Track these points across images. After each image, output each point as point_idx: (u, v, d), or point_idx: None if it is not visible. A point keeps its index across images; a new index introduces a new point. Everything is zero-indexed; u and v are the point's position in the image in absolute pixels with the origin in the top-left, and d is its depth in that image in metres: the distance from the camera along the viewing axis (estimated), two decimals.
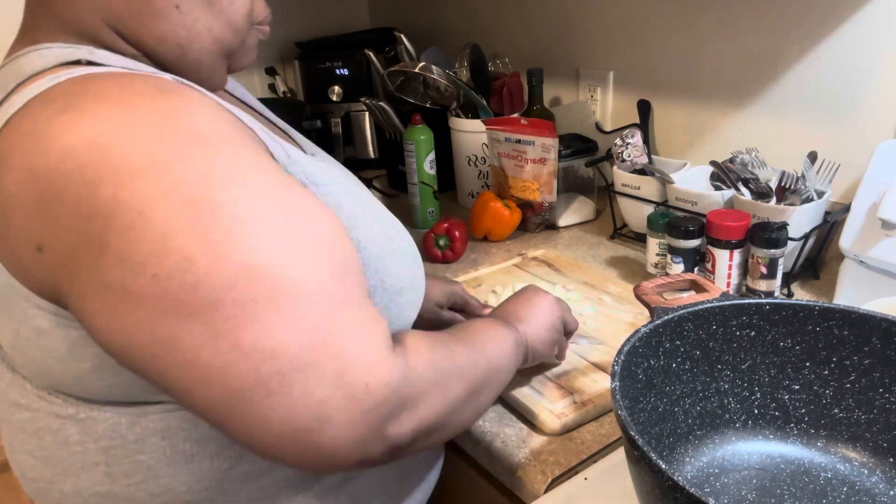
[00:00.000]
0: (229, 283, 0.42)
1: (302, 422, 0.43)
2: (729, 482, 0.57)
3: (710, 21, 1.12)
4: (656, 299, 0.62)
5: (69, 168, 0.42)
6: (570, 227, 1.25)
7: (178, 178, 0.42)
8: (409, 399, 0.47)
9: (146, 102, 0.45)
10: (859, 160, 0.94)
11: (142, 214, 0.41)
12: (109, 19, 0.52)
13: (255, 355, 0.42)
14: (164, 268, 0.41)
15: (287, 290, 0.43)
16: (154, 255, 0.41)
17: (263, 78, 1.76)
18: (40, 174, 0.42)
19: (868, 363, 0.57)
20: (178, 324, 0.42)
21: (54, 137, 0.42)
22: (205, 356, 0.42)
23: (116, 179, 0.41)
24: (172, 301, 0.41)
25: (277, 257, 0.43)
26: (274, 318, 0.42)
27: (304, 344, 0.43)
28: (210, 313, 0.42)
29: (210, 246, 0.42)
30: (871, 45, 0.93)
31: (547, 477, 0.65)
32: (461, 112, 1.31)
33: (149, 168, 0.42)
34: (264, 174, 0.47)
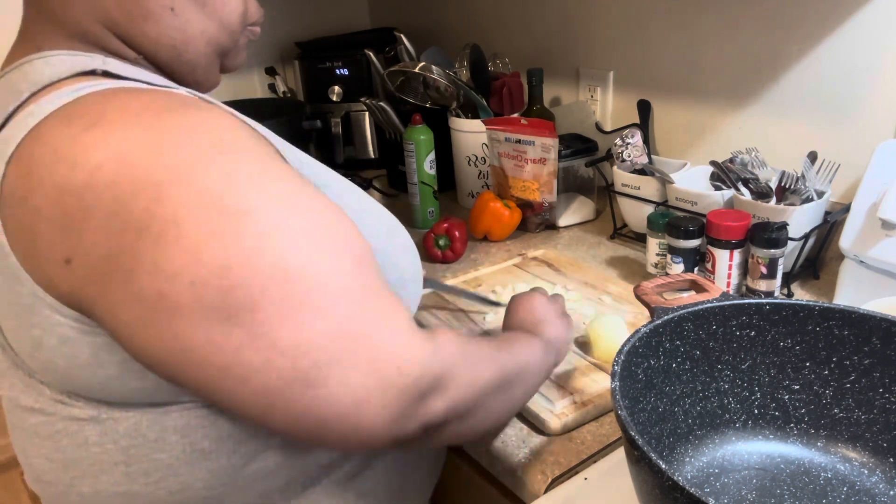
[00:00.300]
0: (264, 286, 0.43)
1: (341, 408, 0.45)
2: (729, 482, 0.57)
3: (710, 21, 1.12)
4: (656, 299, 0.62)
5: (99, 184, 0.43)
6: (570, 227, 1.25)
7: (208, 188, 0.43)
8: (440, 379, 0.49)
9: (171, 118, 0.46)
10: (859, 160, 0.94)
11: (176, 225, 0.42)
12: (106, 22, 0.53)
13: (293, 351, 0.44)
14: (201, 275, 0.42)
15: (316, 287, 0.45)
16: (190, 264, 0.42)
17: (263, 78, 1.76)
18: (68, 190, 0.43)
19: (868, 363, 0.57)
20: (216, 328, 0.43)
21: (81, 154, 0.43)
22: (245, 357, 0.44)
23: (148, 193, 0.42)
24: (210, 307, 0.43)
25: (305, 257, 0.45)
26: (307, 314, 0.44)
27: (336, 335, 0.45)
28: (248, 315, 0.43)
29: (243, 252, 0.43)
30: (871, 45, 0.93)
31: (547, 477, 0.65)
32: (461, 112, 1.31)
33: (178, 181, 0.43)
34: (285, 180, 0.48)
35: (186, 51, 0.56)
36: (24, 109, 0.48)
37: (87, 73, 0.50)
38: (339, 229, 0.49)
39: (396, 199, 1.46)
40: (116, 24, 0.53)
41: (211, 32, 0.57)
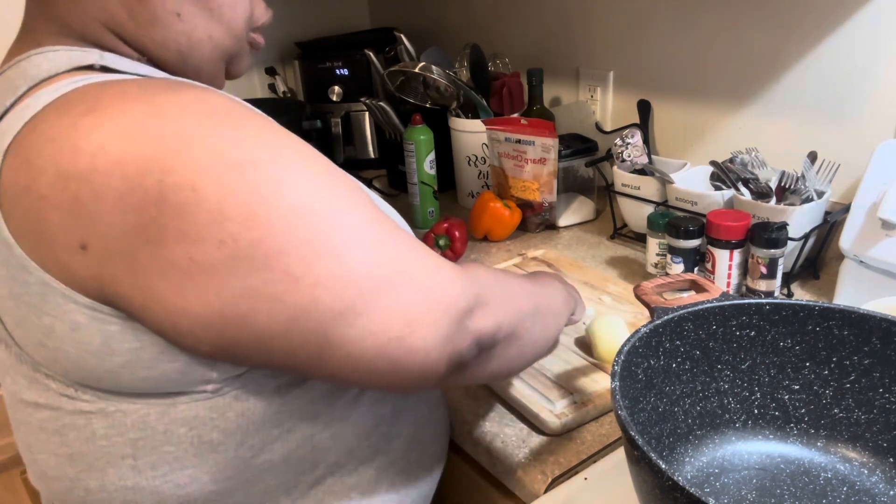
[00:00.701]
0: (290, 228, 0.44)
1: (393, 331, 0.46)
2: (729, 482, 0.57)
3: (709, 21, 1.12)
4: (656, 299, 0.62)
5: (105, 165, 0.42)
6: (570, 227, 1.25)
7: (216, 148, 0.44)
8: (481, 297, 0.51)
9: (168, 95, 0.46)
10: (859, 160, 0.94)
11: (193, 190, 0.42)
12: (111, 25, 0.53)
13: (336, 283, 0.45)
14: (229, 232, 0.43)
15: (343, 222, 0.46)
16: (215, 224, 0.43)
17: (263, 78, 1.76)
18: (74, 175, 0.43)
19: (868, 363, 0.57)
20: (255, 277, 0.44)
21: (83, 137, 0.43)
22: (290, 298, 0.44)
23: (158, 166, 0.42)
24: (244, 260, 0.43)
25: (326, 194, 0.47)
26: (340, 247, 0.45)
27: (374, 263, 0.46)
28: (283, 258, 0.44)
29: (262, 199, 0.44)
30: (871, 44, 0.93)
31: (547, 477, 0.65)
32: (461, 112, 1.31)
33: (186, 147, 0.43)
34: (290, 135, 0.49)
35: (192, 56, 0.56)
36: (20, 103, 0.48)
37: (84, 67, 0.50)
38: (345, 175, 0.51)
39: (396, 199, 1.46)
40: (122, 28, 0.53)
41: (217, 37, 0.57)
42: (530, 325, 0.57)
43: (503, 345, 0.54)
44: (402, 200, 1.38)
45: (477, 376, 0.54)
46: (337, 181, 0.49)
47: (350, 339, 0.46)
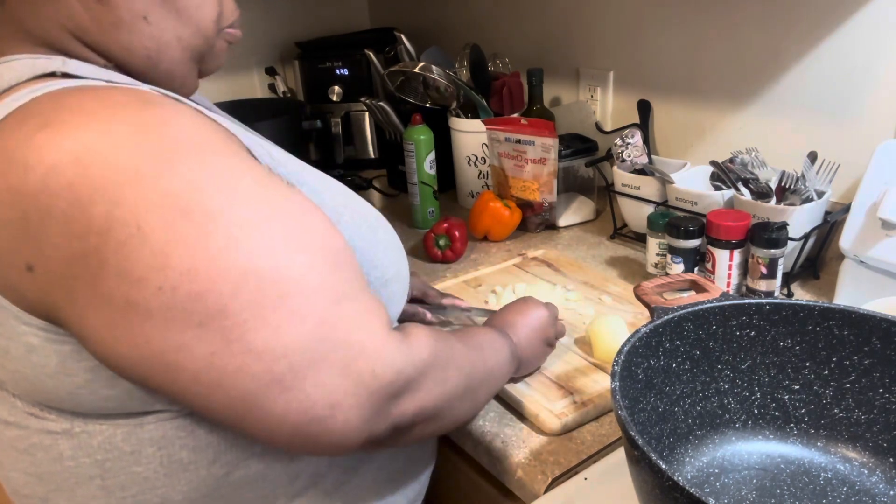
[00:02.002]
0: (234, 290, 0.42)
1: (317, 411, 0.45)
2: (729, 482, 0.57)
3: (709, 21, 1.12)
4: (656, 299, 0.62)
5: (55, 186, 0.41)
6: (570, 227, 1.25)
7: (170, 189, 0.42)
8: (412, 382, 0.50)
9: (127, 115, 0.44)
10: (859, 160, 0.94)
11: (139, 229, 0.41)
12: (75, 30, 0.51)
13: (268, 355, 0.43)
14: (169, 280, 0.41)
15: (290, 290, 0.44)
16: (156, 269, 0.41)
17: (263, 78, 1.76)
18: (23, 193, 0.41)
19: (868, 363, 0.57)
20: (188, 333, 0.42)
21: (35, 155, 0.41)
22: (218, 362, 0.43)
23: (107, 196, 0.41)
24: (180, 312, 0.42)
25: (277, 259, 0.44)
26: (281, 317, 0.43)
27: (311, 339, 0.44)
28: (219, 321, 0.42)
29: (210, 254, 0.42)
30: (871, 45, 0.93)
31: (547, 477, 0.65)
32: (461, 112, 1.31)
33: (138, 182, 0.41)
34: (252, 178, 0.47)
35: (161, 59, 0.54)
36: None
37: (46, 75, 0.48)
38: (312, 228, 0.48)
39: (396, 199, 1.46)
40: (86, 33, 0.51)
41: (186, 38, 0.55)
42: (457, 405, 0.56)
43: (421, 425, 0.53)
44: (402, 200, 1.38)
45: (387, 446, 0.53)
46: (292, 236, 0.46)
47: (272, 413, 0.44)
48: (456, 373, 0.56)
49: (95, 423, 0.50)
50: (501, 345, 0.68)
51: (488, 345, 0.65)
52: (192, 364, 0.43)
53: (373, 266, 0.58)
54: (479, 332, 0.68)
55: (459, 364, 0.57)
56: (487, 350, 0.64)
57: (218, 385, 0.43)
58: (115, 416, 0.50)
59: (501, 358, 0.67)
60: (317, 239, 0.48)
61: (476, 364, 0.60)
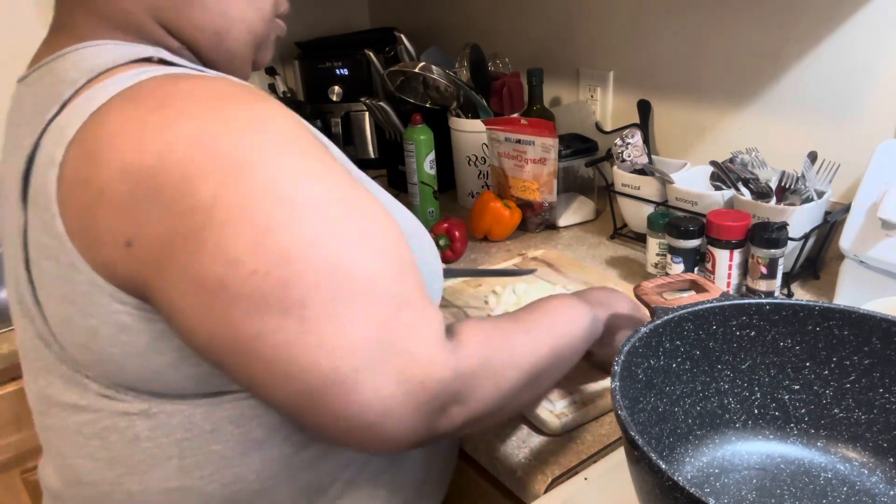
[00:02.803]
0: (318, 282, 0.44)
1: (370, 416, 0.45)
2: (729, 482, 0.57)
3: (710, 21, 1.12)
4: (656, 299, 0.62)
5: (167, 165, 0.43)
6: (570, 227, 1.25)
7: (276, 177, 0.44)
8: (460, 394, 0.49)
9: (239, 105, 0.46)
10: (859, 160, 0.94)
11: (242, 210, 0.42)
12: (151, 10, 0.53)
13: (337, 352, 0.44)
14: (263, 264, 0.42)
15: (363, 289, 0.45)
16: (254, 251, 0.42)
17: (263, 78, 1.76)
18: (135, 170, 0.43)
19: (868, 363, 0.57)
20: (271, 320, 0.43)
21: (150, 135, 0.43)
22: (293, 352, 0.44)
23: (217, 178, 0.43)
24: (268, 297, 0.43)
25: (357, 257, 0.46)
26: (353, 315, 0.44)
27: (374, 342, 0.45)
28: (301, 310, 0.43)
29: (305, 243, 0.43)
30: (871, 44, 0.93)
31: (547, 477, 0.65)
32: (461, 112, 1.31)
33: (248, 167, 0.43)
34: (344, 179, 0.49)
35: (227, 38, 0.56)
36: (80, 95, 0.47)
37: (142, 59, 0.50)
38: (386, 233, 0.49)
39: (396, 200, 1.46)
40: (161, 12, 0.53)
41: (250, 19, 0.57)
42: (513, 401, 0.55)
43: (472, 426, 0.53)
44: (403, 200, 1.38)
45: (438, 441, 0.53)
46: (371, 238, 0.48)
47: (329, 412, 0.45)
48: (515, 372, 0.54)
49: (173, 404, 0.51)
50: (578, 314, 0.62)
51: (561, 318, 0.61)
52: (268, 352, 0.44)
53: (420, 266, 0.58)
54: (553, 304, 0.62)
55: (520, 362, 0.55)
56: (558, 329, 0.60)
57: (286, 376, 0.44)
58: (194, 395, 0.51)
59: (576, 332, 0.61)
60: (390, 244, 0.49)
61: (541, 355, 0.57)
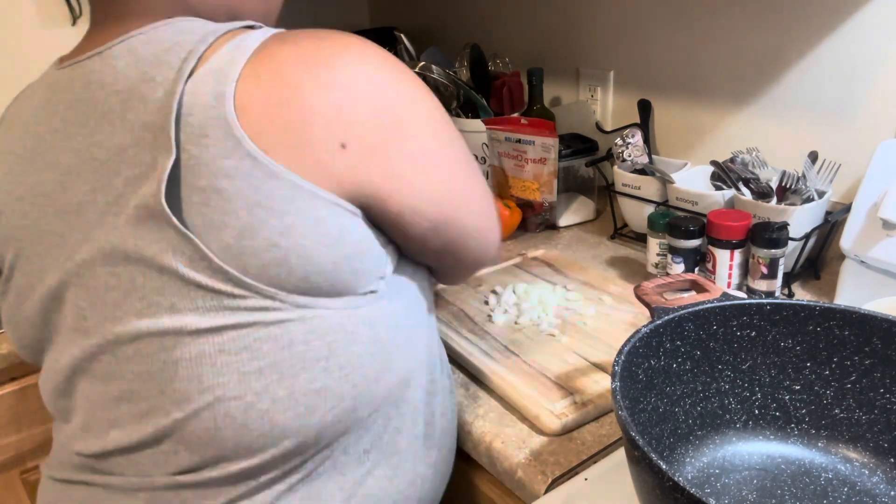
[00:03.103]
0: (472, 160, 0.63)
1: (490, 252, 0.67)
2: (729, 483, 0.57)
3: (710, 21, 1.12)
4: (657, 299, 0.61)
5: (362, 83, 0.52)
6: (570, 227, 1.25)
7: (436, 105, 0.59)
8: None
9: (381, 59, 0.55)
10: (860, 160, 0.94)
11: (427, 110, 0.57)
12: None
13: (488, 202, 0.65)
14: (449, 135, 0.59)
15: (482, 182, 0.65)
16: (441, 131, 0.58)
17: None
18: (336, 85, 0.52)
19: (869, 363, 0.57)
20: (459, 175, 0.60)
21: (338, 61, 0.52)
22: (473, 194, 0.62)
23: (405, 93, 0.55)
24: (461, 160, 0.60)
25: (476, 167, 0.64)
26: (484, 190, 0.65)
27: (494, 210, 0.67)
28: (474, 168, 0.62)
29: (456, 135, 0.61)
30: (871, 45, 0.93)
31: (547, 477, 0.65)
32: (461, 112, 1.31)
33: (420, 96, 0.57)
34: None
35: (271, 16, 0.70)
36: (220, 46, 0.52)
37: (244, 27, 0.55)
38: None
39: None
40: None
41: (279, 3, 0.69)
42: None
43: None
44: None
45: None
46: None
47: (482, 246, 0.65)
48: None
49: (325, 308, 0.55)
50: None
51: None
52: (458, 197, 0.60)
53: None
54: None
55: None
56: None
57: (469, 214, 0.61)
58: (343, 295, 0.56)
59: None
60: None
61: None
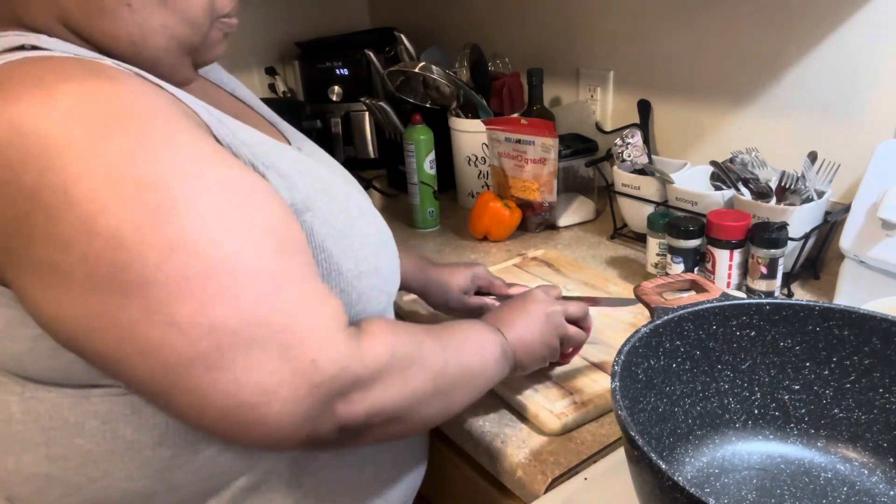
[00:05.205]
0: (160, 261, 0.42)
1: (246, 396, 0.43)
2: (729, 482, 0.57)
3: (710, 21, 1.12)
4: (656, 299, 0.62)
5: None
6: (570, 227, 1.25)
7: (102, 158, 0.42)
8: (362, 380, 0.48)
9: (72, 85, 0.44)
10: (859, 160, 0.94)
11: (66, 194, 0.41)
12: (60, 16, 0.51)
13: (193, 330, 0.42)
14: (93, 248, 0.42)
15: (223, 267, 0.43)
16: (81, 235, 0.42)
17: (263, 78, 1.76)
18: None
19: (868, 363, 0.57)
20: (111, 300, 0.42)
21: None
22: (140, 331, 0.43)
23: (40, 161, 0.41)
24: (103, 280, 0.42)
25: (210, 233, 0.44)
26: (209, 294, 0.43)
27: (243, 320, 0.43)
28: (142, 291, 0.42)
29: (138, 225, 0.42)
30: (871, 45, 0.93)
31: (547, 477, 0.65)
32: (461, 112, 1.31)
33: (72, 147, 0.42)
34: (196, 153, 0.46)
35: (146, 46, 0.54)
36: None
37: (15, 48, 0.48)
38: (259, 209, 0.48)
39: (396, 199, 1.46)
40: (72, 19, 0.52)
41: (172, 28, 0.54)
42: (424, 407, 0.54)
43: (380, 427, 0.51)
44: (402, 200, 1.38)
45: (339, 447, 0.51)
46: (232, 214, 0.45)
47: (196, 390, 0.43)
48: (422, 373, 0.53)
49: (45, 391, 0.51)
50: (488, 341, 0.64)
51: (472, 342, 0.62)
52: (115, 331, 0.43)
53: (345, 257, 0.56)
54: (464, 328, 0.63)
55: (428, 364, 0.54)
56: (469, 348, 0.61)
57: (140, 354, 0.43)
58: (63, 385, 0.50)
59: (487, 357, 0.63)
60: (261, 220, 0.47)
61: (450, 364, 0.57)
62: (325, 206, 0.57)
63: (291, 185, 0.54)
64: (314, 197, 0.56)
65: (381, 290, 0.61)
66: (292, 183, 0.54)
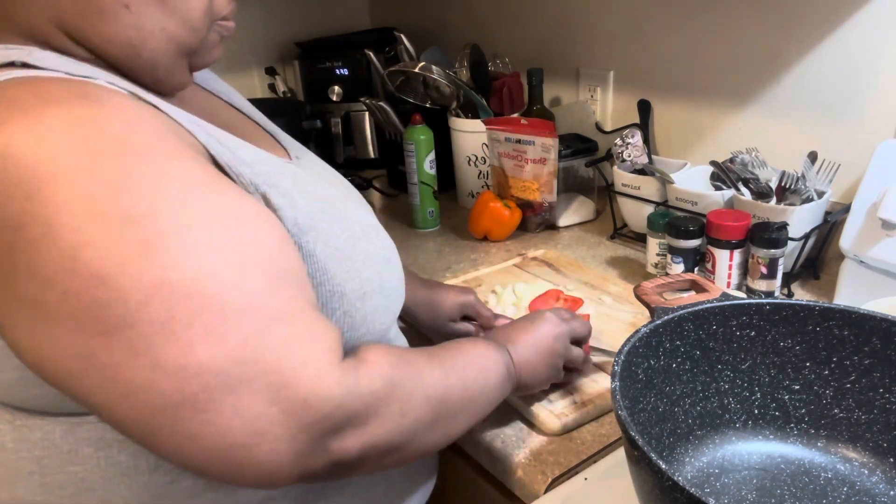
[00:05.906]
0: (143, 301, 0.40)
1: (237, 437, 0.42)
2: (729, 482, 0.57)
3: (710, 21, 1.12)
4: (656, 299, 0.62)
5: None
6: (570, 227, 1.25)
7: (87, 189, 0.40)
8: (357, 415, 0.46)
9: (59, 111, 0.42)
10: (859, 160, 0.94)
11: (49, 228, 0.39)
12: (57, 20, 0.50)
13: (179, 373, 0.41)
14: (75, 285, 0.40)
15: (210, 305, 0.42)
16: (63, 272, 0.40)
17: (263, 78, 1.76)
18: None
19: (868, 363, 0.57)
20: (93, 341, 0.40)
21: None
22: (124, 373, 0.41)
23: (23, 192, 0.40)
24: (85, 319, 0.40)
25: (197, 271, 0.42)
26: (194, 335, 0.41)
27: (231, 360, 0.42)
28: (125, 331, 0.40)
29: (121, 261, 0.40)
30: (871, 45, 0.93)
31: (547, 477, 0.65)
32: (461, 112, 1.31)
33: (57, 177, 0.40)
34: (187, 183, 0.45)
35: (144, 49, 0.52)
36: None
37: (5, 65, 0.47)
38: (251, 241, 0.46)
39: (396, 200, 1.46)
40: (68, 22, 0.50)
41: (171, 30, 0.53)
42: (423, 436, 0.52)
43: (376, 459, 0.49)
44: (402, 200, 1.38)
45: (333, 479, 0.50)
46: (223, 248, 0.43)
47: (183, 433, 0.41)
48: (423, 402, 0.51)
49: (35, 419, 0.50)
50: (494, 363, 0.62)
51: (476, 364, 0.60)
52: (98, 373, 0.41)
53: (349, 278, 0.55)
54: (468, 348, 0.61)
55: (429, 393, 0.52)
56: (472, 371, 0.59)
57: (124, 397, 0.41)
58: (55, 413, 0.49)
59: (491, 378, 0.61)
60: (252, 253, 0.45)
61: (452, 389, 0.55)
62: (327, 226, 0.56)
63: (293, 205, 0.53)
64: (317, 217, 0.55)
65: (385, 309, 0.60)
66: (294, 202, 0.53)
